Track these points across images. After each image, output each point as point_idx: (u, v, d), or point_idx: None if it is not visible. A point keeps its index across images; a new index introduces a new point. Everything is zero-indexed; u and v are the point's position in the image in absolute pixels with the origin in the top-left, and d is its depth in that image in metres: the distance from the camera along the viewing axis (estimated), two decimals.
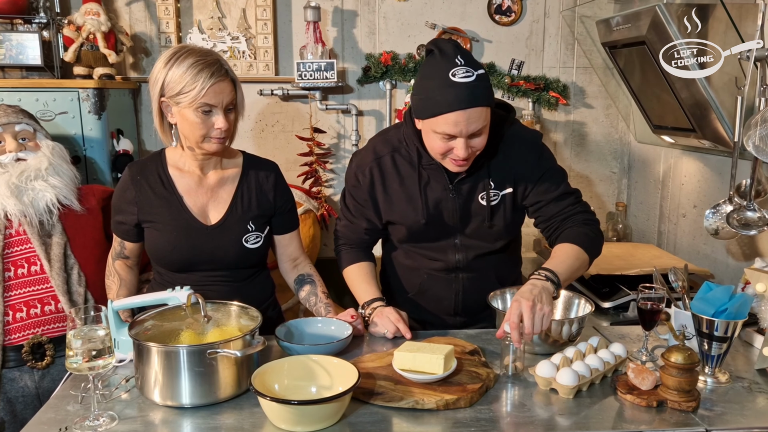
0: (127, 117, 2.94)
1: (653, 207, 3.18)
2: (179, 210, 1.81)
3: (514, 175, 1.82)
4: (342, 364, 1.43)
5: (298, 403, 1.28)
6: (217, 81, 1.67)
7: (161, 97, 1.71)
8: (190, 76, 1.65)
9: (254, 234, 1.86)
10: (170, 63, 1.68)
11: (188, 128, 1.71)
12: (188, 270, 1.84)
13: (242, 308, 1.62)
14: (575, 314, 1.77)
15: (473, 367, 1.55)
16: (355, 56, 3.18)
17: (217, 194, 1.85)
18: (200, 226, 1.81)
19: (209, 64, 1.68)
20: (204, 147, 1.75)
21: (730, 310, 1.51)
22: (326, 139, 3.21)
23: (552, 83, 3.22)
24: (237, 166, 1.89)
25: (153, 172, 1.83)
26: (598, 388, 1.52)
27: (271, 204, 1.90)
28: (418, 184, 1.81)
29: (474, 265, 1.91)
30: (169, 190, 1.81)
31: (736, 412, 1.41)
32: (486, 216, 1.82)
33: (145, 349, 1.42)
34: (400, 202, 1.85)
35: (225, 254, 1.83)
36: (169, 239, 1.80)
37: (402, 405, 1.39)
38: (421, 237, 1.89)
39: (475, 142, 1.66)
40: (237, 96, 1.76)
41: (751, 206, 1.82)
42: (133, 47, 3.04)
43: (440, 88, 1.59)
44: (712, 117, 2.26)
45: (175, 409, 1.42)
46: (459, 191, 1.82)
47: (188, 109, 1.68)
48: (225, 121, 1.71)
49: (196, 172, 1.84)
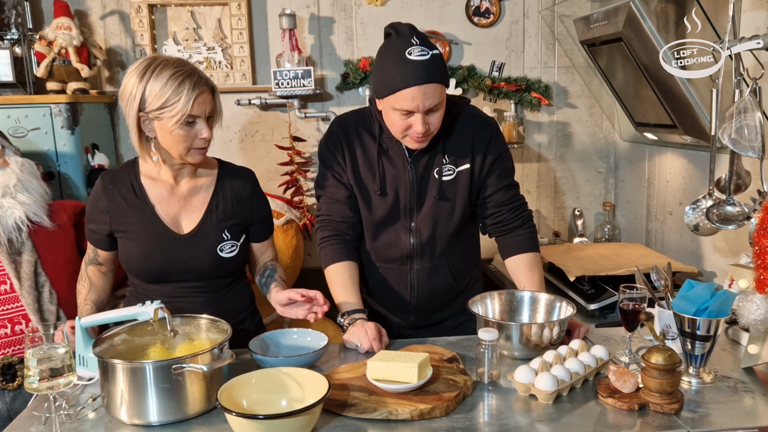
0: (103, 131, 2.90)
1: (640, 206, 3.15)
2: (151, 219, 1.77)
3: (471, 151, 1.86)
4: (313, 376, 1.39)
5: (264, 418, 1.24)
6: (201, 92, 1.63)
7: (140, 111, 1.64)
8: (171, 90, 1.60)
9: (230, 243, 1.81)
10: (146, 76, 1.61)
11: (171, 142, 1.66)
12: (162, 281, 1.80)
13: (212, 321, 1.58)
14: (557, 317, 1.73)
15: (450, 375, 1.51)
16: (333, 63, 3.15)
17: (190, 203, 1.81)
18: (173, 236, 1.77)
19: (188, 74, 1.63)
20: (188, 159, 1.71)
21: (711, 307, 1.47)
22: (307, 147, 3.17)
23: (533, 84, 3.19)
24: (211, 175, 1.85)
25: (125, 181, 1.79)
26: (579, 393, 1.48)
27: (249, 212, 1.86)
28: (377, 154, 1.85)
29: (428, 252, 1.90)
30: (141, 200, 1.77)
31: (721, 413, 1.37)
32: (441, 189, 1.85)
33: (110, 366, 1.37)
34: (362, 170, 1.88)
35: (199, 264, 1.79)
36: (142, 249, 1.76)
37: (375, 416, 1.34)
38: (378, 214, 1.89)
39: (431, 119, 1.71)
40: (216, 104, 1.73)
41: (731, 200, 1.78)
42: (108, 61, 3.01)
43: (397, 66, 1.66)
44: (692, 112, 2.23)
45: (143, 427, 1.37)
46: (416, 165, 1.85)
47: (171, 123, 1.62)
48: (209, 131, 1.68)
49: (169, 181, 1.79)
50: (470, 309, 1.72)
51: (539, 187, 3.41)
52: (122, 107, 1.69)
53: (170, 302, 1.73)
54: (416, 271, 1.93)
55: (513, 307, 1.80)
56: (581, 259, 2.70)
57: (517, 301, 1.80)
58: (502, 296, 1.81)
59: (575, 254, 2.81)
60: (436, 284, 1.93)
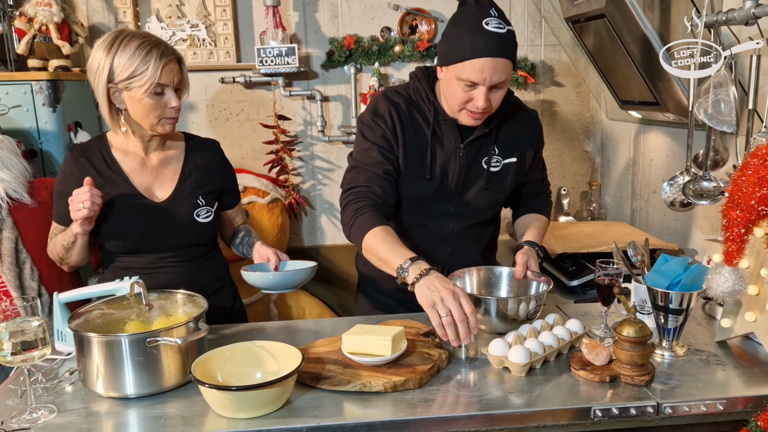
0: (86, 109, 2.88)
1: (625, 184, 3.16)
2: (127, 189, 1.79)
3: (519, 146, 1.86)
4: (287, 349, 1.40)
5: (237, 389, 1.25)
6: (168, 61, 1.68)
7: (109, 83, 1.67)
8: (139, 59, 1.64)
9: (205, 209, 1.86)
10: (114, 48, 1.65)
11: (141, 112, 1.69)
12: (139, 251, 1.81)
13: (189, 296, 1.59)
14: (534, 292, 1.74)
15: (426, 349, 1.52)
16: (318, 41, 3.13)
17: (162, 173, 1.84)
18: (149, 204, 1.80)
19: (155, 44, 1.68)
20: (158, 129, 1.74)
21: (684, 281, 1.48)
22: (292, 126, 3.16)
23: (520, 62, 3.18)
24: (179, 147, 1.89)
25: (96, 154, 1.80)
26: (553, 366, 1.49)
27: (220, 181, 1.92)
28: (430, 138, 1.78)
29: (464, 236, 1.91)
30: (114, 171, 1.79)
31: (691, 385, 1.39)
32: (489, 180, 1.84)
33: (85, 339, 1.38)
34: (412, 152, 1.79)
35: (176, 230, 1.82)
36: (119, 218, 1.78)
37: (349, 388, 1.36)
38: (421, 197, 1.83)
39: (494, 96, 1.66)
40: (184, 76, 1.77)
41: (707, 176, 1.78)
42: (91, 38, 2.97)
43: (471, 34, 1.59)
44: (673, 89, 2.23)
45: (119, 399, 1.38)
46: (468, 152, 1.81)
47: (140, 92, 1.66)
48: (178, 100, 1.72)
49: (139, 153, 1.82)
50: None
51: None
52: (90, 81, 1.71)
53: (148, 274, 1.76)
54: (449, 253, 1.92)
55: (492, 282, 1.81)
56: (565, 237, 2.71)
57: (495, 276, 1.81)
58: (480, 272, 1.82)
59: (559, 232, 2.82)
60: (464, 264, 1.85)
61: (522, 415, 1.30)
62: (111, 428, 1.28)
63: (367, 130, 1.81)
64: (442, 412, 1.29)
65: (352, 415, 1.28)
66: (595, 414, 1.30)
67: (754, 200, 1.10)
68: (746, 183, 1.10)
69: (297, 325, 1.82)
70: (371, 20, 3.13)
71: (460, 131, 1.79)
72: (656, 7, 2.19)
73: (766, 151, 1.09)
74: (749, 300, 1.48)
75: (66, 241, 1.74)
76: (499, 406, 1.31)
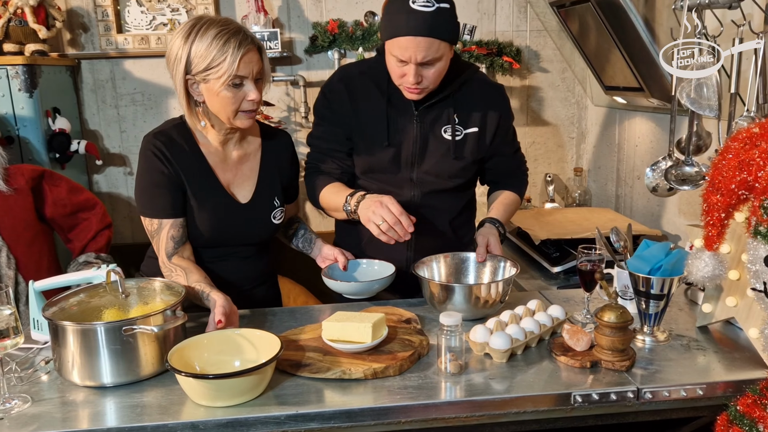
0: (65, 95, 2.84)
1: (610, 170, 3.16)
2: (213, 185, 1.71)
3: (482, 116, 1.86)
4: (266, 336, 1.38)
5: (214, 378, 1.23)
6: (247, 50, 1.56)
7: (186, 74, 1.58)
8: (216, 49, 1.53)
9: (279, 210, 1.82)
10: (191, 37, 1.55)
11: (219, 104, 1.59)
12: (210, 246, 1.75)
13: (166, 285, 1.57)
14: (501, 277, 1.73)
15: (407, 335, 1.51)
16: (301, 25, 3.09)
17: (241, 171, 1.76)
18: (234, 203, 1.73)
19: (234, 32, 1.55)
20: (236, 123, 1.63)
21: (665, 267, 1.48)
22: (275, 112, 3.13)
23: (505, 48, 3.16)
24: (256, 142, 1.80)
25: (182, 143, 1.68)
26: (535, 352, 1.49)
27: (289, 176, 1.87)
28: (385, 105, 1.81)
29: (428, 204, 1.89)
30: (202, 165, 1.70)
31: (671, 370, 1.39)
32: (450, 149, 1.83)
33: (60, 328, 1.35)
34: (368, 120, 1.83)
35: (254, 231, 1.78)
36: (203, 215, 1.70)
37: (328, 376, 1.35)
38: (382, 164, 1.85)
39: (426, 72, 1.68)
40: (264, 64, 1.64)
41: (689, 161, 1.78)
42: (69, 22, 2.92)
43: (398, 13, 1.63)
44: (658, 74, 2.22)
45: (96, 389, 1.36)
46: (423, 120, 1.83)
47: (218, 84, 1.56)
48: (257, 93, 1.61)
49: (219, 148, 1.73)
50: (415, 272, 1.71)
51: None
52: (169, 71, 1.63)
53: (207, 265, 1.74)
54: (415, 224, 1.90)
55: (459, 269, 1.80)
56: (549, 224, 2.71)
57: (463, 263, 1.80)
58: (447, 259, 1.80)
59: (544, 219, 2.81)
60: (434, 238, 1.89)
61: (502, 401, 1.29)
62: (87, 417, 1.27)
63: (316, 107, 1.91)
64: (423, 399, 1.28)
65: (332, 402, 1.28)
66: (575, 400, 1.30)
67: (734, 184, 1.10)
68: (726, 167, 1.10)
69: (280, 312, 1.80)
70: (355, 4, 3.09)
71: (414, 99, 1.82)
72: None
73: (746, 134, 1.08)
74: (730, 285, 1.48)
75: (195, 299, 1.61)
76: (479, 393, 1.30)
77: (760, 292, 1.08)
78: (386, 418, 1.27)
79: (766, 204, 1.04)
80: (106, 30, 2.97)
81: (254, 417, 1.24)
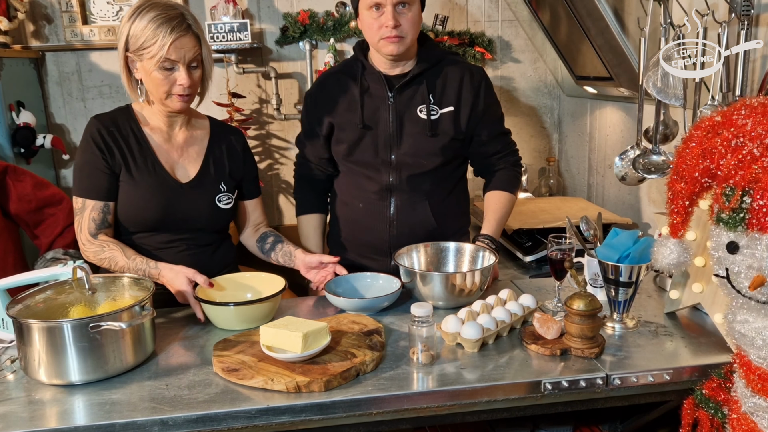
0: (29, 88, 2.77)
1: (582, 160, 3.18)
2: (153, 166, 1.74)
3: (458, 96, 1.89)
4: (272, 278, 1.70)
5: (235, 305, 1.55)
6: (179, 36, 1.61)
7: (126, 51, 1.65)
8: (150, 31, 1.60)
9: (226, 195, 1.84)
10: (134, 16, 1.63)
11: (152, 84, 1.66)
12: (155, 230, 1.77)
13: (135, 280, 1.55)
14: (480, 266, 1.75)
15: (353, 348, 1.41)
16: (272, 16, 3.05)
17: (187, 153, 1.81)
18: (175, 184, 1.76)
19: (171, 18, 1.61)
20: (167, 104, 1.69)
21: (633, 254, 1.50)
22: (247, 104, 3.09)
23: (477, 38, 3.16)
24: (204, 128, 1.86)
25: (125, 125, 1.75)
26: (506, 341, 1.50)
27: (242, 168, 1.89)
28: (359, 91, 1.90)
29: (407, 187, 1.92)
30: (143, 146, 1.74)
31: (639, 356, 1.41)
32: (426, 128, 1.87)
33: (25, 326, 1.33)
34: (344, 109, 1.92)
35: (198, 213, 1.79)
36: (144, 195, 1.73)
37: (251, 383, 1.29)
38: (359, 148, 1.92)
39: (403, 17, 1.77)
40: (203, 52, 1.69)
41: (657, 150, 1.80)
42: (32, 14, 2.85)
43: None
44: (627, 64, 2.24)
45: (63, 387, 1.34)
46: (398, 100, 1.88)
47: (150, 65, 1.62)
48: (188, 78, 1.65)
49: (163, 128, 1.78)
50: (396, 261, 1.72)
51: None
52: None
53: (157, 254, 1.74)
54: (395, 206, 1.94)
55: (439, 258, 1.81)
56: (522, 213, 2.72)
57: (442, 252, 1.81)
58: (428, 248, 1.81)
59: (517, 208, 2.83)
60: (415, 224, 1.93)
61: (473, 390, 1.30)
62: (54, 416, 1.25)
63: (302, 115, 2.07)
64: (395, 390, 1.29)
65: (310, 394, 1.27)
66: (545, 387, 1.32)
67: (697, 172, 1.10)
68: (690, 155, 1.11)
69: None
70: None
71: (388, 82, 1.89)
72: None
73: (709, 123, 1.09)
74: (696, 271, 1.51)
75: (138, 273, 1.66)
76: (451, 382, 1.31)
77: (723, 278, 1.10)
78: (358, 409, 1.27)
79: (727, 191, 1.05)
80: (71, 21, 2.90)
81: (224, 412, 1.23)
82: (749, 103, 1.07)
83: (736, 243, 1.06)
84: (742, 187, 1.03)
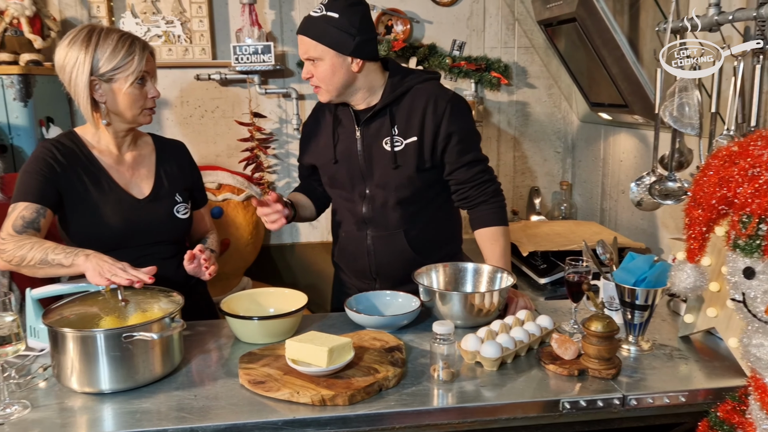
0: (58, 105, 2.85)
1: (595, 185, 3.23)
2: (109, 186, 1.79)
3: (421, 125, 1.88)
4: (294, 294, 1.75)
5: (259, 319, 1.60)
6: (146, 51, 1.74)
7: (91, 76, 1.69)
8: (124, 50, 1.68)
9: (182, 205, 1.90)
10: (93, 42, 1.68)
11: (126, 103, 1.72)
12: (120, 247, 1.78)
13: (165, 292, 1.59)
14: (498, 287, 1.79)
15: (376, 364, 1.45)
16: (294, 39, 3.13)
17: (138, 171, 1.87)
18: (132, 200, 1.82)
19: (132, 37, 1.73)
20: (140, 120, 1.77)
21: (649, 278, 1.54)
22: (268, 124, 3.16)
23: (493, 63, 3.23)
24: (149, 145, 1.93)
25: (74, 150, 1.78)
26: (524, 360, 1.53)
27: (190, 179, 1.97)
28: (332, 125, 1.97)
29: (381, 220, 1.96)
30: (95, 167, 1.79)
31: (655, 378, 1.44)
32: (390, 160, 1.90)
33: (60, 335, 1.38)
34: (322, 141, 2.01)
35: (158, 226, 1.84)
36: (104, 213, 1.77)
37: (278, 396, 1.33)
38: (337, 181, 2.00)
39: (316, 71, 1.84)
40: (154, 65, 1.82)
41: (672, 177, 1.84)
42: (63, 33, 2.94)
43: None
44: (642, 92, 2.29)
45: (94, 395, 1.38)
46: (365, 134, 1.92)
47: (126, 84, 1.70)
48: (156, 90, 1.78)
49: (113, 150, 1.83)
50: (415, 280, 1.76)
51: (498, 166, 3.47)
52: (64, 79, 1.71)
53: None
54: (372, 239, 1.98)
55: (457, 278, 1.85)
56: (536, 236, 2.76)
57: (460, 272, 1.85)
58: (446, 268, 1.85)
59: (531, 231, 2.87)
60: (393, 253, 1.97)
61: (493, 408, 1.33)
62: (86, 423, 1.29)
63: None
64: (416, 405, 1.32)
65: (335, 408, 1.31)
66: (564, 406, 1.34)
67: (714, 200, 1.15)
68: (707, 183, 1.15)
69: None
70: None
71: (356, 115, 1.94)
72: (626, 12, 2.25)
73: (726, 152, 1.14)
74: (711, 296, 1.54)
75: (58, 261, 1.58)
76: (471, 399, 1.34)
77: (739, 303, 1.13)
78: (381, 423, 1.31)
79: (744, 219, 1.09)
80: None
81: (252, 423, 1.27)
82: (765, 135, 1.11)
83: (752, 269, 1.09)
84: (759, 215, 1.07)
